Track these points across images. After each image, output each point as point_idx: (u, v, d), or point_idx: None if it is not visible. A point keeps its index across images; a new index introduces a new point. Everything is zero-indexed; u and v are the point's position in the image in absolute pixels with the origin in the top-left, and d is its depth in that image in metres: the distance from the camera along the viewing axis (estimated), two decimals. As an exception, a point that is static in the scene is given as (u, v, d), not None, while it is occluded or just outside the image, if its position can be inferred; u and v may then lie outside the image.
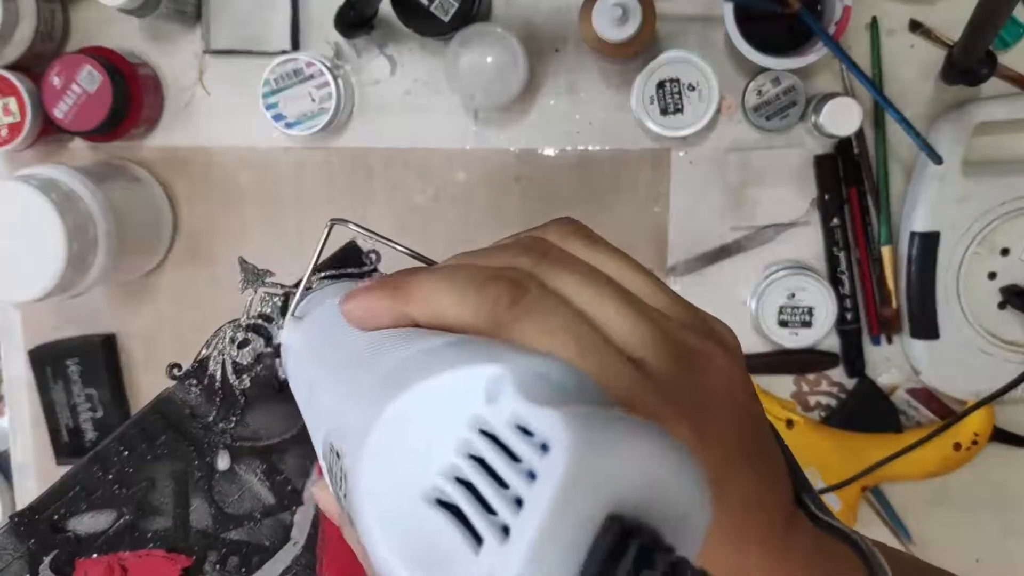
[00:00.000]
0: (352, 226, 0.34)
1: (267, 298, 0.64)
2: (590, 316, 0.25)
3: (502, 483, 0.18)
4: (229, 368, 0.65)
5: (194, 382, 0.67)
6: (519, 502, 0.17)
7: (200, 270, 0.73)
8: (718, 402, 0.25)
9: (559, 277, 0.26)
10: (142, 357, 0.74)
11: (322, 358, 0.30)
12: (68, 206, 0.62)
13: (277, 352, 0.71)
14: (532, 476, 0.17)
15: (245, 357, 0.66)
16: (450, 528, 0.18)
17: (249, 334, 0.65)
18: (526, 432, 0.18)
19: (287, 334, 0.34)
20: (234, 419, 0.68)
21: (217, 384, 0.63)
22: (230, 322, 0.61)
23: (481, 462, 0.19)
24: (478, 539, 0.18)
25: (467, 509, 0.18)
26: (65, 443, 0.74)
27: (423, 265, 0.32)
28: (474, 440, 0.19)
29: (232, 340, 0.61)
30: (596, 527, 0.17)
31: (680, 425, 0.24)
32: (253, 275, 0.56)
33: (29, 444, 0.76)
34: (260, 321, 0.60)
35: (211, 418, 0.64)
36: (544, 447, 0.18)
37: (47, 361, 0.74)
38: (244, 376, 0.69)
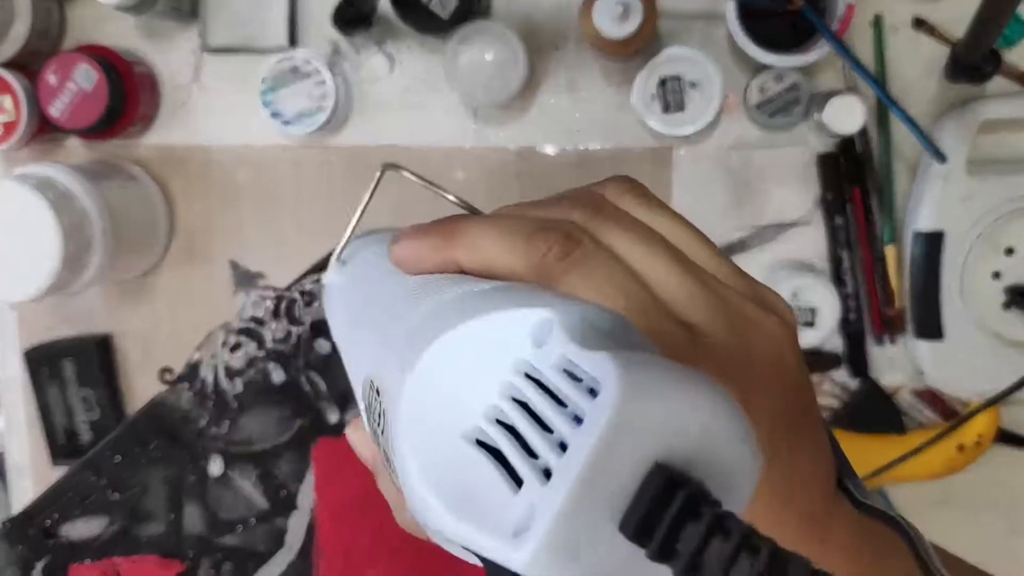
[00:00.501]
0: (405, 173, 0.35)
1: (259, 301, 0.64)
2: (642, 275, 0.24)
3: (546, 428, 0.18)
4: (222, 372, 0.65)
5: (186, 386, 0.66)
6: (563, 446, 0.17)
7: (197, 269, 0.73)
8: (768, 371, 0.25)
9: (612, 234, 0.25)
10: (138, 358, 0.74)
11: (367, 297, 0.30)
12: (64, 205, 0.62)
13: (269, 355, 0.71)
14: (578, 420, 0.17)
15: (237, 361, 0.66)
16: (490, 468, 0.18)
17: (241, 337, 0.65)
18: (573, 378, 0.18)
19: (331, 276, 0.34)
20: (227, 424, 0.68)
21: (209, 389, 0.62)
22: (222, 326, 0.60)
23: (525, 407, 0.19)
24: (518, 481, 0.18)
25: (508, 451, 0.18)
26: (61, 444, 0.74)
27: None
28: (519, 383, 0.19)
29: (224, 344, 0.60)
30: (642, 474, 0.16)
31: (728, 389, 0.23)
32: (245, 278, 0.56)
33: (25, 445, 0.75)
34: (252, 324, 0.60)
35: (204, 423, 0.64)
36: (592, 391, 0.17)
37: (43, 362, 0.73)
38: (237, 380, 0.68)
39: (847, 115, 0.63)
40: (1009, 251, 0.66)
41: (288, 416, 0.71)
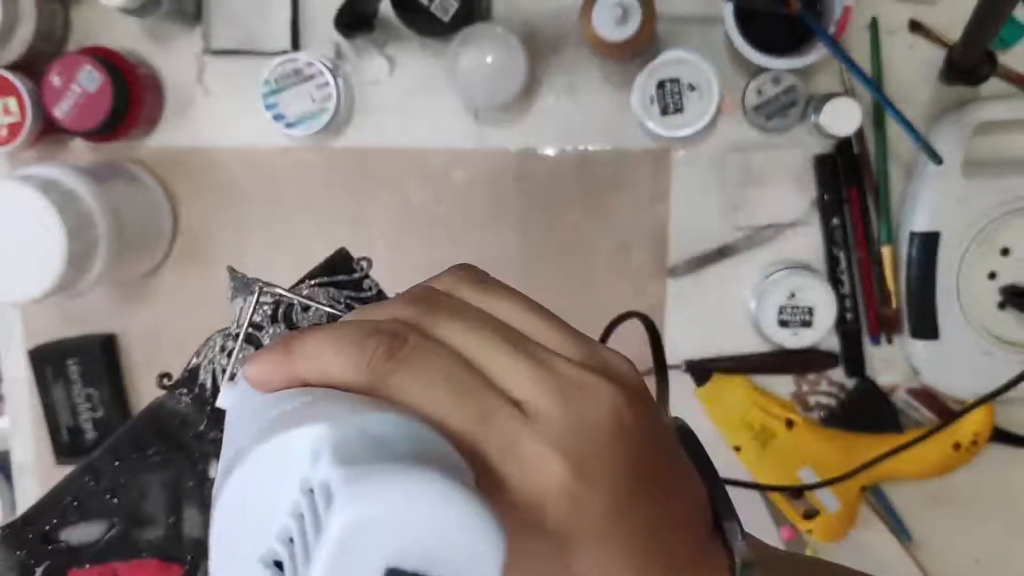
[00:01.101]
0: (279, 290, 0.37)
1: (258, 307, 0.64)
2: (472, 359, 0.25)
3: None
4: (220, 376, 0.65)
5: (184, 391, 0.67)
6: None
7: (200, 270, 0.73)
8: (603, 436, 0.25)
9: (442, 325, 0.25)
10: (142, 357, 0.74)
11: (241, 418, 0.30)
12: (68, 206, 0.62)
13: None
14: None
15: (236, 366, 0.66)
16: None
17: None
18: (330, 492, 0.19)
19: (222, 398, 0.34)
20: (226, 428, 0.68)
21: (208, 394, 0.63)
22: (220, 331, 0.60)
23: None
24: None
25: (287, 569, 0.19)
26: (65, 443, 0.74)
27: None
28: (300, 501, 0.20)
29: (222, 349, 0.60)
30: None
31: (559, 465, 0.24)
32: (243, 284, 0.56)
33: (29, 444, 0.76)
34: (251, 330, 0.60)
35: (202, 427, 0.64)
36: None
37: (47, 361, 0.74)
38: (235, 384, 0.68)
39: (844, 117, 0.64)
40: (1005, 251, 0.66)
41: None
